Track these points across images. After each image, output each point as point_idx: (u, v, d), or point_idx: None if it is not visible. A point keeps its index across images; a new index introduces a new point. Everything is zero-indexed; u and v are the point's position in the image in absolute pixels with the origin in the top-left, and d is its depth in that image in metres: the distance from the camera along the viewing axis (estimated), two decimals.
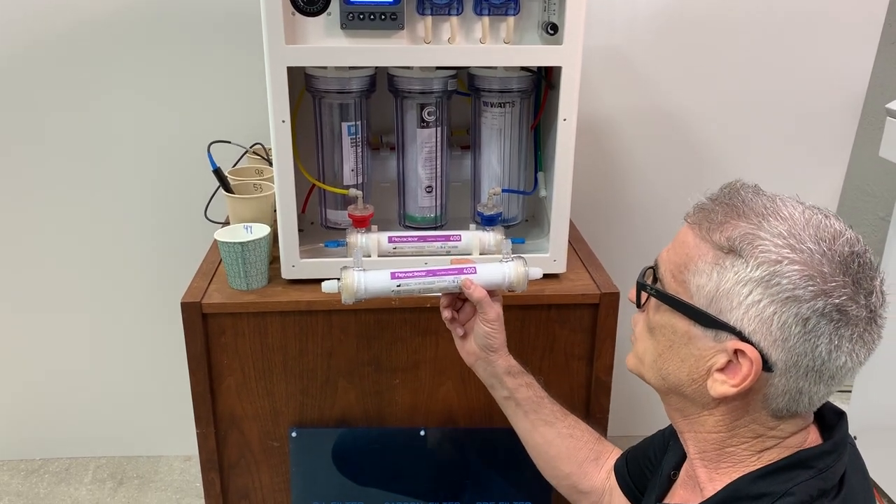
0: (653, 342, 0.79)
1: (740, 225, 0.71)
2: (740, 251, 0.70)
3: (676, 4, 1.69)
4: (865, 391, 1.88)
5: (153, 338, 1.88)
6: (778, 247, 0.69)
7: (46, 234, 1.79)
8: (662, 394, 0.81)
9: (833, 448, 0.75)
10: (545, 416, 1.06)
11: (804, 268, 0.68)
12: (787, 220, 0.70)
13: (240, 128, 1.56)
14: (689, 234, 0.75)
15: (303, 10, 1.08)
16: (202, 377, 1.21)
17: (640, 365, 0.83)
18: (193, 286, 1.22)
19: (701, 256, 0.73)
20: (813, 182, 1.85)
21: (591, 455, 1.05)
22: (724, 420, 0.76)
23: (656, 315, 0.78)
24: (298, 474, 1.27)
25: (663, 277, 0.77)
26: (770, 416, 0.74)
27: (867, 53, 1.76)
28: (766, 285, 0.68)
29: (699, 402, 0.77)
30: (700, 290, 0.72)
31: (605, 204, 1.86)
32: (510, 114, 1.25)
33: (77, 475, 1.96)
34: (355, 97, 1.23)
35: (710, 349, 0.73)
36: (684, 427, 0.81)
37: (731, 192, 0.76)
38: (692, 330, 0.74)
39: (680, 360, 0.76)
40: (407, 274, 1.03)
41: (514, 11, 1.11)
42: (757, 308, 0.69)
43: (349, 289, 1.03)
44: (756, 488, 0.73)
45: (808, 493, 0.71)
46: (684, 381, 0.76)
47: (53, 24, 1.61)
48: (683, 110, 1.79)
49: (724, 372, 0.72)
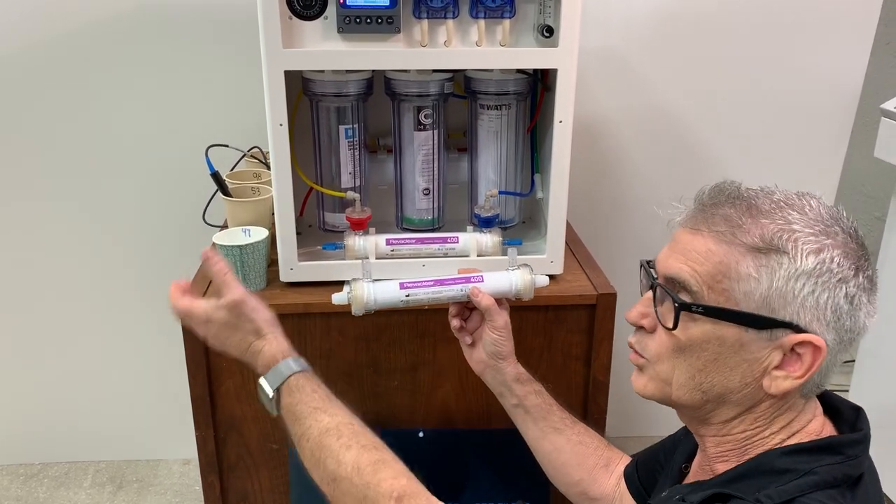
0: (685, 359, 0.76)
1: (765, 223, 0.71)
2: (782, 248, 0.70)
3: (671, 6, 1.70)
4: (862, 392, 1.88)
5: (152, 341, 1.88)
6: (815, 235, 0.71)
7: (44, 238, 1.79)
8: (694, 409, 0.78)
9: (862, 439, 0.76)
10: (555, 423, 1.06)
11: (841, 249, 0.71)
12: (802, 208, 0.72)
13: (237, 131, 1.57)
14: (708, 242, 0.73)
15: (300, 14, 1.09)
16: (201, 380, 1.21)
17: (664, 387, 0.79)
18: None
19: (738, 262, 0.71)
20: (809, 182, 1.83)
21: (601, 461, 1.05)
22: (765, 414, 0.76)
23: (691, 331, 0.74)
24: (298, 477, 1.27)
25: (699, 290, 0.73)
26: (801, 398, 0.76)
27: (862, 54, 1.77)
28: (818, 274, 0.70)
29: (743, 405, 0.76)
30: (749, 295, 0.71)
31: (602, 205, 1.87)
32: (506, 116, 1.26)
33: (76, 479, 1.96)
34: (352, 100, 1.23)
35: (765, 349, 0.72)
36: (706, 432, 0.80)
37: (731, 192, 0.75)
38: (744, 336, 0.72)
39: (729, 369, 0.74)
40: (415, 284, 1.04)
41: (510, 14, 1.12)
42: (812, 298, 0.70)
43: (359, 301, 1.03)
44: (781, 463, 0.73)
45: (833, 476, 0.72)
46: (734, 388, 0.75)
47: (51, 27, 1.61)
48: (679, 112, 1.79)
49: (783, 368, 0.73)
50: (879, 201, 2.65)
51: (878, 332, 1.82)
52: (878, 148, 1.71)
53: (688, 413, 0.81)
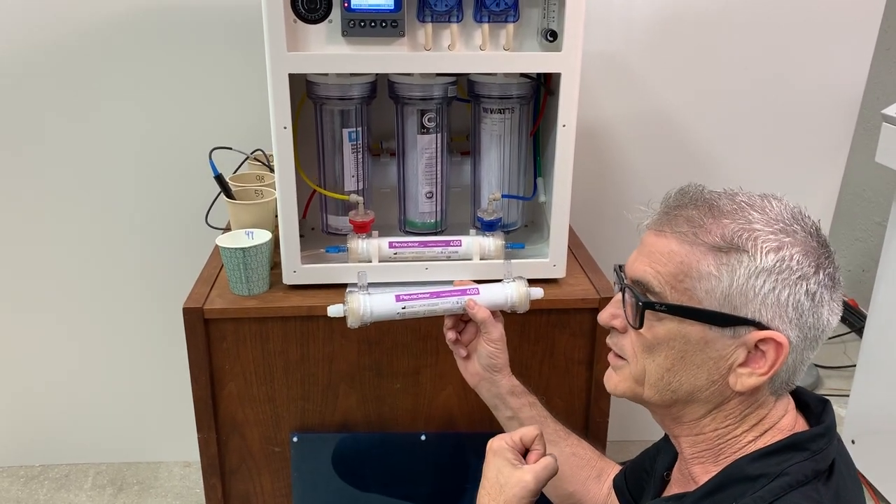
0: (654, 358, 0.78)
1: (726, 223, 0.73)
2: (742, 246, 0.72)
3: (674, 10, 1.70)
4: (862, 396, 1.88)
5: (154, 344, 1.88)
6: (775, 233, 0.72)
7: (47, 238, 1.79)
8: (664, 407, 0.80)
9: (825, 431, 0.77)
10: (549, 435, 1.06)
11: (801, 247, 0.72)
12: (763, 209, 0.74)
13: (241, 134, 1.57)
14: (671, 243, 0.75)
15: (304, 17, 1.09)
16: (204, 383, 1.21)
17: (636, 386, 0.80)
18: (195, 292, 1.22)
19: (699, 261, 0.73)
20: (810, 187, 1.86)
21: (594, 473, 1.06)
22: (734, 412, 0.77)
23: (657, 330, 0.76)
24: (300, 479, 1.27)
25: (662, 290, 0.75)
26: (770, 396, 0.77)
27: (863, 59, 1.77)
28: (778, 272, 0.71)
29: (712, 402, 0.77)
30: (711, 293, 0.73)
31: (605, 209, 1.87)
32: (510, 120, 1.26)
33: (77, 481, 1.96)
34: (356, 104, 1.23)
35: (729, 347, 0.74)
36: (680, 431, 0.81)
37: (694, 194, 0.78)
38: (708, 333, 0.74)
39: (696, 367, 0.76)
40: (411, 296, 1.05)
41: (514, 18, 1.12)
42: (773, 295, 0.71)
43: (355, 313, 1.04)
44: (752, 469, 0.74)
45: (803, 474, 0.73)
46: (701, 387, 0.76)
47: (54, 29, 1.62)
48: (681, 116, 1.80)
49: (747, 365, 0.74)
50: (880, 206, 2.65)
51: (879, 337, 1.83)
52: (879, 153, 1.71)
53: (660, 412, 0.82)
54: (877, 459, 1.82)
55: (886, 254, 1.79)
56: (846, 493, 0.76)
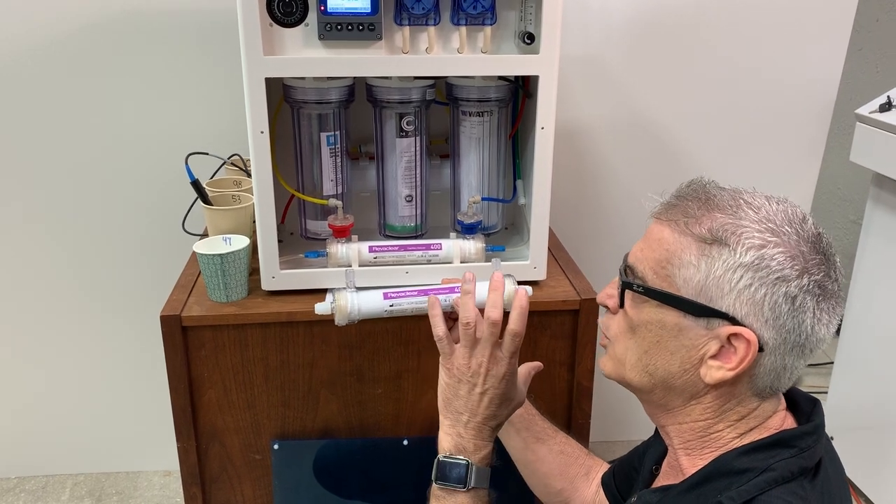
0: (636, 340, 0.80)
1: (718, 216, 0.74)
2: (725, 240, 0.72)
3: (650, 12, 1.71)
4: (840, 393, 1.91)
5: (131, 351, 1.86)
6: (760, 232, 0.72)
7: (21, 247, 1.76)
8: (646, 391, 0.81)
9: (813, 430, 0.77)
10: (537, 433, 1.06)
11: (787, 249, 0.72)
12: (760, 208, 0.75)
13: (217, 139, 1.56)
14: (664, 231, 0.77)
15: (280, 21, 1.08)
16: (183, 391, 1.20)
17: (619, 367, 0.82)
18: (172, 299, 1.21)
19: (684, 249, 0.74)
20: (786, 186, 1.88)
21: (582, 470, 1.06)
22: (712, 406, 0.77)
23: (639, 313, 0.78)
24: (281, 487, 1.26)
25: (644, 275, 0.78)
26: (754, 396, 0.77)
27: (836, 60, 1.80)
28: (756, 269, 0.71)
29: (688, 392, 0.78)
30: (688, 282, 0.74)
31: (584, 210, 1.88)
32: (488, 123, 1.26)
33: (54, 493, 1.93)
34: (334, 107, 1.23)
35: (703, 337, 0.74)
36: (667, 420, 0.82)
37: (697, 187, 0.79)
38: (682, 321, 0.75)
39: (670, 353, 0.77)
40: (399, 294, 1.04)
41: (491, 21, 1.12)
42: (748, 292, 0.72)
43: (343, 310, 1.03)
44: (739, 463, 0.75)
45: (790, 470, 0.73)
46: (675, 373, 0.77)
47: (26, 35, 1.59)
48: (658, 117, 1.81)
49: (718, 358, 0.74)
50: (855, 204, 2.69)
51: (856, 334, 1.86)
52: (853, 152, 1.73)
53: (645, 399, 0.83)
54: (855, 455, 1.84)
55: (862, 252, 1.81)
56: (832, 492, 0.77)
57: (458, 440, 0.93)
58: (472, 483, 0.90)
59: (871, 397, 1.80)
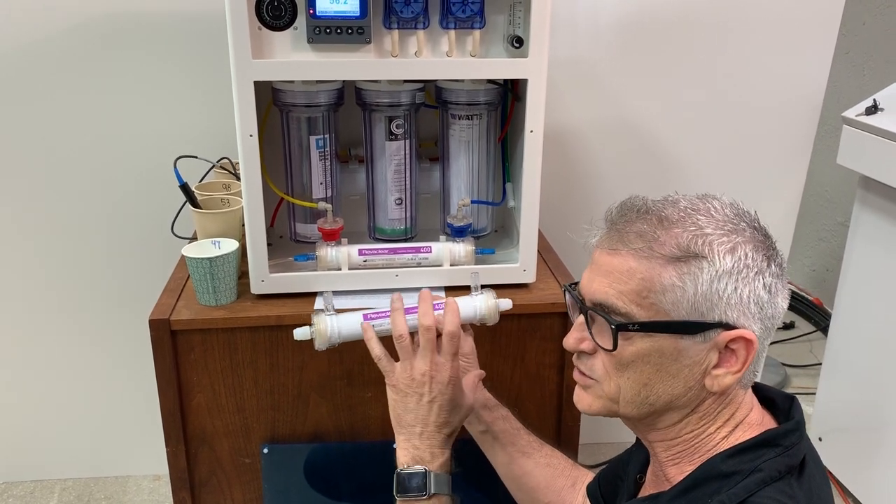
0: (629, 376, 0.77)
1: (677, 231, 0.74)
2: (700, 252, 0.73)
3: (639, 16, 1.72)
4: (829, 394, 1.92)
5: (120, 355, 1.85)
6: (725, 234, 0.74)
7: (8, 251, 1.75)
8: (640, 419, 0.80)
9: (796, 427, 0.78)
10: (522, 447, 1.06)
11: (752, 243, 0.74)
12: (708, 211, 0.76)
13: (206, 142, 1.55)
14: (629, 260, 0.75)
15: (269, 24, 1.08)
16: (172, 395, 1.19)
17: (611, 404, 0.80)
18: (161, 303, 1.21)
19: (660, 274, 0.73)
20: (774, 189, 1.89)
21: (569, 482, 1.06)
22: (709, 411, 0.78)
23: (631, 348, 0.76)
24: (271, 491, 1.26)
25: (628, 310, 0.75)
26: (741, 390, 0.78)
27: (823, 63, 1.81)
28: (738, 272, 0.73)
29: (689, 407, 0.78)
30: (678, 304, 0.73)
31: (574, 213, 1.88)
32: (477, 126, 1.26)
33: (42, 498, 1.92)
34: (323, 111, 1.23)
35: (702, 352, 0.75)
36: (655, 437, 0.82)
37: (639, 208, 0.78)
38: (680, 343, 0.74)
39: (671, 377, 0.76)
40: (379, 314, 1.04)
41: (480, 25, 1.12)
42: (735, 295, 0.73)
43: (322, 335, 1.03)
44: (726, 467, 0.75)
45: (777, 470, 0.74)
46: (678, 395, 0.77)
47: (12, 36, 1.58)
48: (647, 119, 1.82)
49: (721, 366, 0.75)
50: (842, 206, 2.71)
51: (844, 335, 1.87)
52: (840, 155, 1.75)
53: (633, 423, 0.83)
54: (843, 456, 1.85)
55: (849, 253, 1.82)
56: (817, 489, 0.78)
57: (415, 452, 0.93)
58: (432, 489, 0.91)
59: (860, 398, 1.81)
